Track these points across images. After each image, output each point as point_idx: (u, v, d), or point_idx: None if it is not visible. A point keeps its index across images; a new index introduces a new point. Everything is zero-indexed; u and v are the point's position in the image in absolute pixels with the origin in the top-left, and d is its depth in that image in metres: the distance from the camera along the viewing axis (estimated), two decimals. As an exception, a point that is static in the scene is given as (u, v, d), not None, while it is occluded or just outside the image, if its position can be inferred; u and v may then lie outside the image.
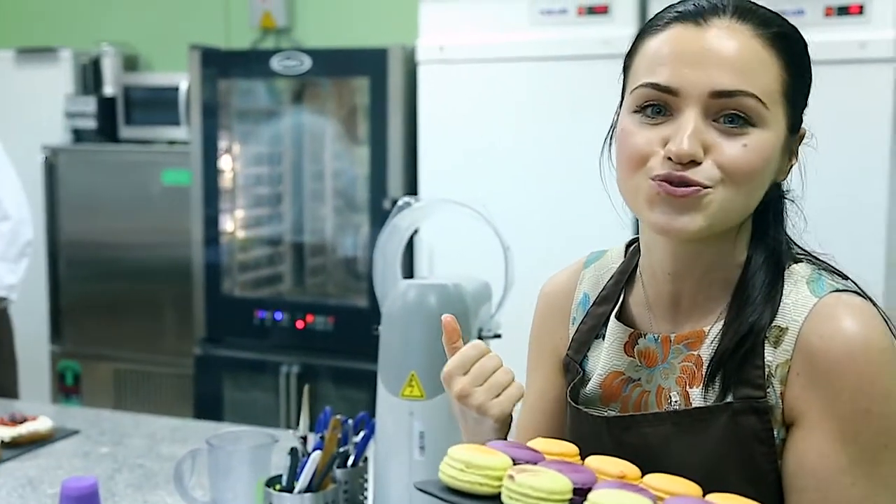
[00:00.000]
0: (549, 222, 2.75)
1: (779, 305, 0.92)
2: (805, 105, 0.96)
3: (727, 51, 0.89)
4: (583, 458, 0.89)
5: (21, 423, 1.85)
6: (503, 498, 0.80)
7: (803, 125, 0.97)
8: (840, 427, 0.87)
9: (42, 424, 1.87)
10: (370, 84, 3.09)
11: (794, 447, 0.90)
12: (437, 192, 2.87)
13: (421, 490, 0.84)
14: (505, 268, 1.39)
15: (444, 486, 0.83)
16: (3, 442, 1.79)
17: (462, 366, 0.97)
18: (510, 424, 1.00)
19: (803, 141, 0.97)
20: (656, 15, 0.96)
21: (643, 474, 0.85)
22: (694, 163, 0.88)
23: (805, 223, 1.00)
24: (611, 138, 1.00)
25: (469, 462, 0.81)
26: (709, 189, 0.89)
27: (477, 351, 0.98)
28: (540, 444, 0.90)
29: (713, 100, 0.88)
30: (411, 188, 3.05)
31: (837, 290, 0.92)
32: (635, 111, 0.93)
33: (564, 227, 2.72)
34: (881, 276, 2.42)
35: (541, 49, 2.79)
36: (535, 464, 0.84)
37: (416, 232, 2.91)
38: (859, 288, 0.95)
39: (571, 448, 0.90)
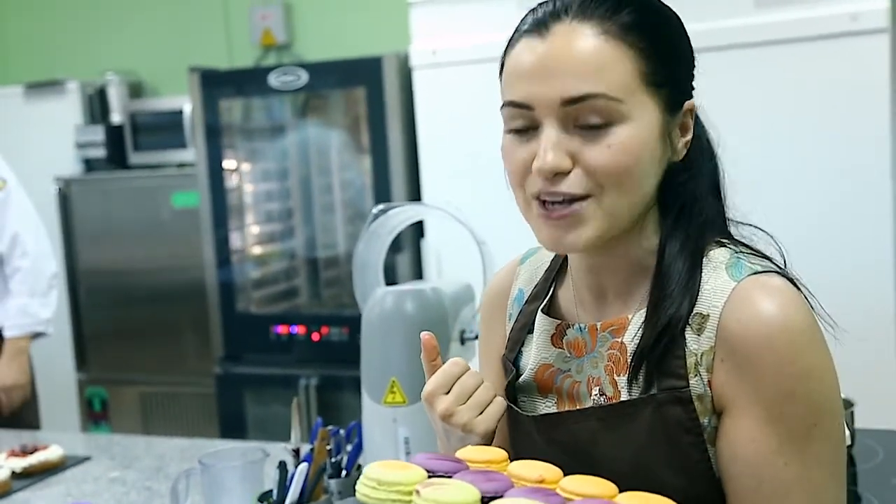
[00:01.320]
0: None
1: (697, 293, 0.91)
2: (687, 79, 0.95)
3: (572, 56, 0.89)
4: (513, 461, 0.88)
5: (32, 452, 1.88)
6: None
7: (691, 100, 0.95)
8: (766, 411, 0.86)
9: (53, 453, 1.89)
10: (367, 93, 3.10)
11: (726, 434, 0.89)
12: (441, 196, 2.87)
13: None
14: (482, 266, 1.39)
15: None
16: (13, 473, 1.81)
17: (444, 385, 0.98)
18: (493, 439, 1.00)
19: (693, 113, 0.95)
20: (517, 25, 0.96)
21: (572, 472, 0.84)
22: (564, 174, 0.89)
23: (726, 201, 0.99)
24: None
25: (380, 480, 0.82)
26: (587, 199, 0.90)
27: (458, 368, 0.99)
28: (468, 452, 0.90)
29: (567, 108, 0.89)
30: (415, 194, 3.06)
31: (756, 273, 0.91)
32: (506, 129, 0.95)
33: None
34: (890, 251, 2.38)
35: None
36: (453, 475, 0.84)
37: (420, 235, 2.94)
38: (780, 267, 0.93)
39: (500, 454, 0.90)
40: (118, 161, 3.79)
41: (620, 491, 0.81)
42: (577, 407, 0.98)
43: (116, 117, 3.85)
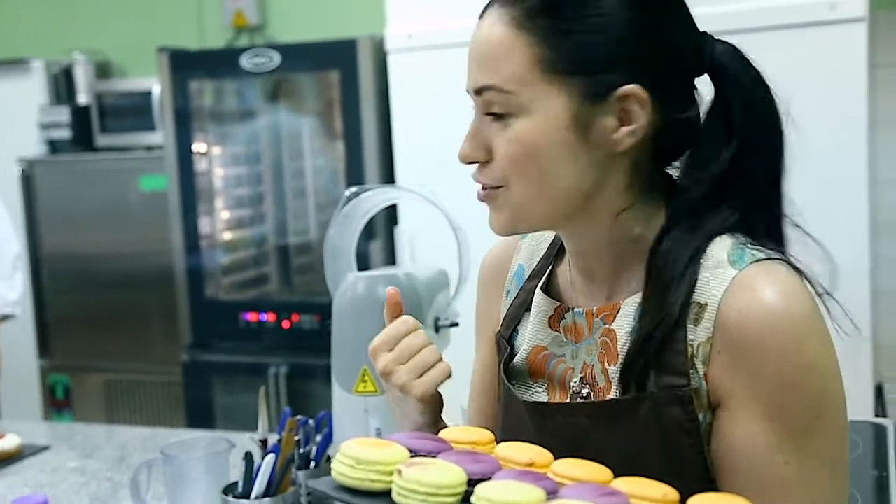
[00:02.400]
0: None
1: (695, 283, 0.85)
2: (625, 63, 0.85)
3: (479, 45, 0.88)
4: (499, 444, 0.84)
5: (-13, 442, 1.81)
6: (393, 495, 0.75)
7: (629, 85, 0.85)
8: (766, 404, 0.82)
9: (9, 443, 1.82)
10: (341, 76, 3.03)
11: (721, 430, 0.84)
12: (415, 182, 2.81)
13: (312, 489, 0.79)
14: (458, 251, 1.34)
15: (336, 485, 0.78)
16: (-32, 462, 1.75)
17: (388, 342, 0.95)
18: (441, 404, 0.96)
19: (639, 99, 0.85)
20: None
21: (558, 459, 0.80)
22: (484, 163, 0.88)
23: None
24: None
25: (359, 458, 0.77)
26: (499, 189, 0.88)
27: (405, 327, 0.96)
28: (452, 433, 0.85)
29: (479, 97, 0.88)
30: (388, 179, 3.00)
31: (759, 261, 0.85)
32: None
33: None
34: (865, 237, 2.37)
35: (510, 30, 2.74)
36: (436, 455, 0.79)
37: (394, 221, 2.89)
38: (786, 256, 0.88)
39: (486, 435, 0.85)
40: (84, 143, 3.69)
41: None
42: (567, 395, 0.93)
43: (83, 98, 3.75)
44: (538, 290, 1.00)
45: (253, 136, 3.48)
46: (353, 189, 1.39)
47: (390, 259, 3.01)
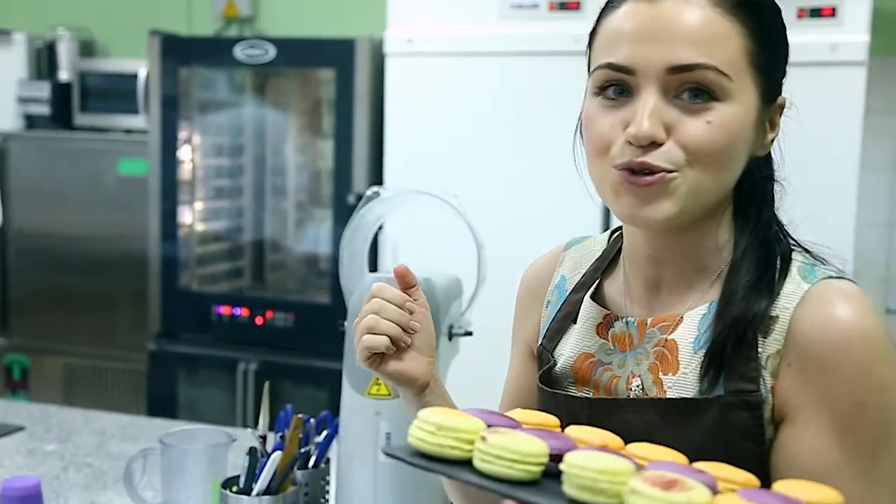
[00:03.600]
0: (516, 218, 2.70)
1: (777, 294, 0.87)
2: (783, 73, 0.92)
3: (683, 23, 0.85)
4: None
5: (-38, 418, 1.76)
6: (474, 461, 0.75)
7: (783, 94, 0.92)
8: (835, 421, 0.82)
9: (-16, 420, 1.77)
10: (336, 76, 3.01)
11: (785, 445, 0.85)
12: (403, 188, 2.81)
13: (389, 455, 0.79)
14: (478, 265, 1.33)
15: (413, 451, 0.78)
16: (-59, 438, 1.69)
17: (371, 295, 0.97)
18: (419, 387, 0.97)
19: (784, 110, 0.92)
20: None
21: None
22: (655, 144, 0.84)
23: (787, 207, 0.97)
24: (580, 124, 0.97)
25: (440, 424, 0.76)
26: (674, 173, 0.85)
27: (394, 293, 0.97)
28: (519, 414, 0.85)
29: (671, 76, 0.85)
30: (376, 182, 2.98)
31: (830, 277, 0.87)
32: (595, 93, 0.90)
33: (532, 223, 2.67)
34: (850, 265, 2.41)
35: (511, 44, 2.74)
36: (514, 429, 0.79)
37: (381, 226, 2.87)
38: (851, 277, 0.91)
39: (552, 419, 0.85)
40: (63, 120, 3.61)
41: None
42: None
43: (64, 75, 3.67)
44: (587, 297, 1.00)
45: (238, 128, 3.44)
46: (374, 190, 1.38)
47: (372, 264, 2.99)
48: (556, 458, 0.75)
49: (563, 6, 2.68)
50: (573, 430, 0.82)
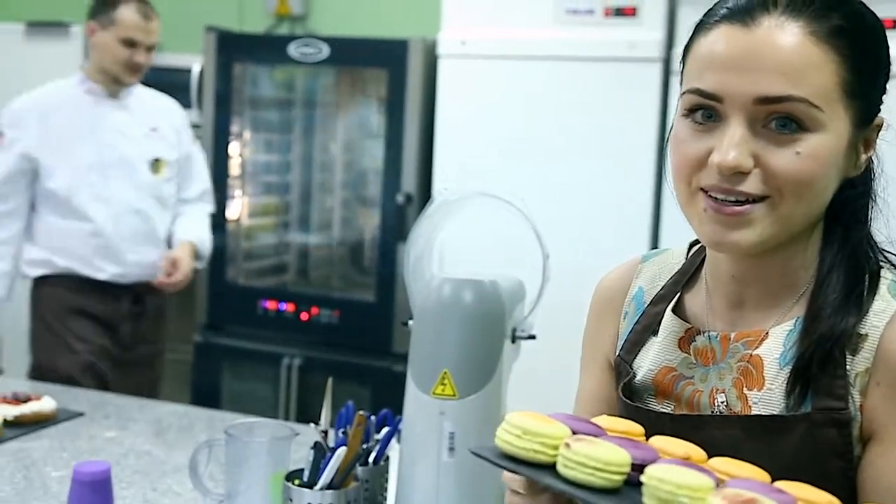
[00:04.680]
0: (563, 222, 2.71)
1: (866, 311, 0.87)
2: (880, 94, 0.91)
3: (774, 53, 0.84)
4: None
5: (24, 402, 1.80)
6: (558, 466, 0.77)
7: (880, 115, 0.91)
8: None
9: (46, 405, 1.81)
10: (388, 76, 3.04)
11: (873, 463, 0.85)
12: (470, 190, 2.82)
13: (476, 455, 0.82)
14: (543, 272, 1.34)
15: (499, 452, 0.81)
16: (5, 420, 1.73)
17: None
18: None
19: (881, 131, 0.92)
20: (710, 8, 0.91)
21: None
22: (742, 174, 0.85)
23: (886, 223, 0.96)
24: (669, 141, 0.97)
25: (526, 429, 0.80)
26: (759, 203, 0.85)
27: None
28: (604, 421, 0.87)
29: (761, 106, 0.84)
30: (425, 183, 3.01)
31: None
32: (685, 115, 0.90)
33: (579, 228, 2.67)
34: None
35: (565, 48, 2.75)
36: (596, 437, 0.81)
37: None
38: None
39: (637, 428, 0.87)
40: (117, 113, 3.67)
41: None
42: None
43: (119, 67, 3.73)
44: (668, 311, 1.00)
45: (287, 124, 3.47)
46: (445, 189, 1.39)
47: (418, 262, 3.00)
48: (639, 468, 0.77)
49: (619, 12, 2.69)
50: (657, 441, 0.83)
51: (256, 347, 3.25)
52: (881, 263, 0.93)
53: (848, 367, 0.86)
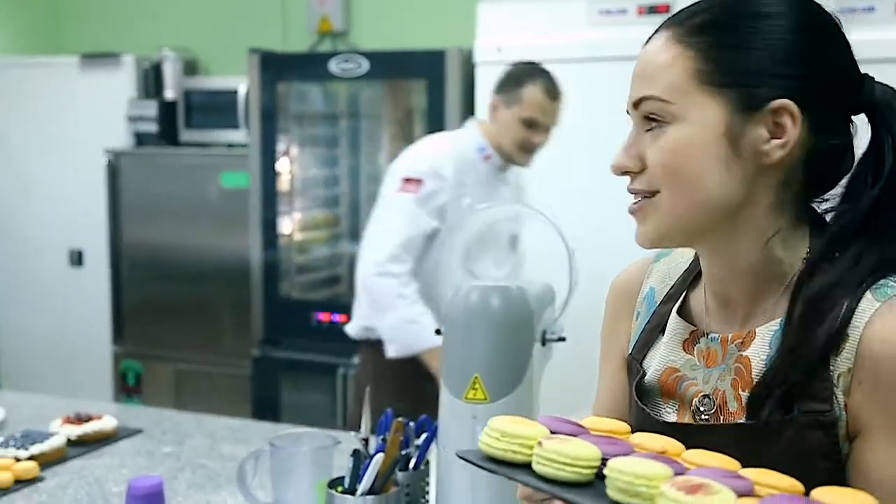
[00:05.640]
0: (605, 224, 2.71)
1: (852, 315, 0.87)
2: (766, 78, 0.89)
3: (642, 60, 0.94)
4: None
5: (86, 421, 1.88)
6: (533, 464, 0.83)
7: (781, 99, 0.88)
8: None
9: (107, 423, 1.89)
10: (427, 86, 3.08)
11: (860, 459, 0.86)
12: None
13: (461, 458, 0.88)
14: (569, 271, 1.37)
15: (482, 455, 0.87)
16: (69, 440, 1.81)
17: None
18: None
19: (788, 112, 0.88)
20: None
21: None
22: (636, 174, 0.93)
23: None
24: None
25: (504, 431, 0.85)
26: (651, 198, 0.93)
27: None
28: (590, 421, 0.91)
29: (635, 111, 0.94)
30: (468, 190, 3.04)
31: None
32: None
33: (621, 230, 2.68)
34: None
35: (600, 49, 2.76)
36: (575, 436, 0.85)
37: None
38: None
39: (622, 426, 0.91)
40: (169, 137, 3.80)
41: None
42: (697, 418, 0.96)
43: (170, 93, 3.85)
44: (673, 312, 1.02)
45: (333, 139, 3.54)
46: (468, 202, 1.43)
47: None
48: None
49: (653, 10, 2.69)
50: (637, 437, 0.87)
51: (312, 359, 3.32)
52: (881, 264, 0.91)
53: (832, 367, 0.87)
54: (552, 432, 0.86)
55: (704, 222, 0.92)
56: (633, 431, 1.00)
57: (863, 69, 0.95)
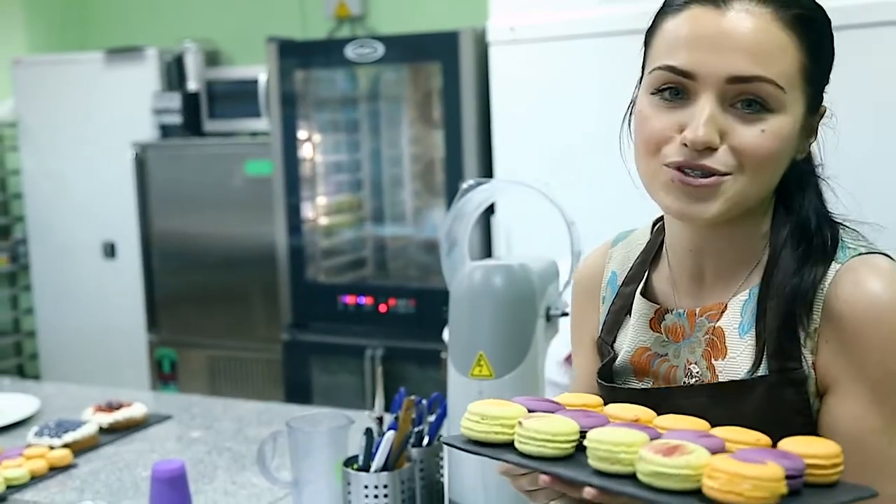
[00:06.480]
0: (627, 200, 2.72)
1: (821, 277, 0.91)
2: (825, 83, 0.96)
3: (745, 35, 0.89)
4: None
5: (117, 409, 1.95)
6: (515, 443, 0.86)
7: (823, 103, 0.96)
8: (872, 390, 0.88)
9: (137, 410, 1.96)
10: (442, 68, 3.10)
11: (829, 413, 0.90)
12: (513, 173, 2.87)
13: (445, 443, 0.91)
14: (570, 244, 1.40)
15: (465, 439, 0.90)
16: (101, 427, 1.88)
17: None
18: None
19: (823, 119, 0.97)
20: None
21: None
22: (710, 149, 0.89)
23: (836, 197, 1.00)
24: (630, 114, 1.02)
25: (484, 414, 0.88)
26: (726, 177, 0.90)
27: None
28: (564, 398, 0.95)
29: (730, 85, 0.89)
30: (487, 170, 3.07)
31: (861, 254, 0.92)
32: (653, 93, 0.94)
33: (642, 205, 2.69)
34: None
35: (612, 23, 2.75)
36: (552, 413, 0.89)
37: (490, 211, 2.95)
38: (882, 251, 0.94)
39: (595, 400, 0.95)
40: (193, 128, 3.86)
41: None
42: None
43: (193, 85, 3.91)
44: (637, 294, 1.05)
45: (354, 124, 3.58)
46: (470, 182, 1.46)
47: (486, 248, 3.07)
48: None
49: (663, -18, 2.68)
50: (610, 408, 0.91)
51: (340, 342, 3.38)
52: (841, 233, 0.96)
53: (800, 328, 0.91)
54: (530, 411, 0.90)
55: (757, 205, 0.96)
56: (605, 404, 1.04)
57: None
